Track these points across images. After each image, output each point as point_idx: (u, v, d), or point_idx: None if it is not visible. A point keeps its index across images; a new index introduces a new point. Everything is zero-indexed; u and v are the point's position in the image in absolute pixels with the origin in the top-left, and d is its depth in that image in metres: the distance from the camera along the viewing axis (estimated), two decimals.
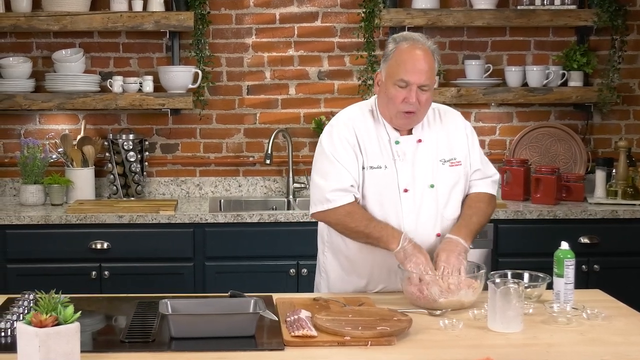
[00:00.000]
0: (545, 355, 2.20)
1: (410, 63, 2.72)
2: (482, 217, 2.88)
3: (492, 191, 2.98)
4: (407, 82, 2.71)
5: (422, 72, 2.71)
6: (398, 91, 2.73)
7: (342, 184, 2.79)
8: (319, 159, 2.88)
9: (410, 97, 2.72)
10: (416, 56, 2.72)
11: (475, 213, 2.87)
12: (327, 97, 4.79)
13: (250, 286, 3.48)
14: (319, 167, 2.87)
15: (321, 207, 2.82)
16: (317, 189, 2.84)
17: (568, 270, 2.62)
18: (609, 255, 4.23)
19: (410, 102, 2.73)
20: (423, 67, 2.72)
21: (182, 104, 4.49)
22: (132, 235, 4.11)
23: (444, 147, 2.87)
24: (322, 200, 2.81)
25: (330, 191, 2.79)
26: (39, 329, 1.99)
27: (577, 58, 4.64)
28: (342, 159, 2.80)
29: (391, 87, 2.75)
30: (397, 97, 2.74)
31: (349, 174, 2.80)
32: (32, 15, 4.38)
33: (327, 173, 2.81)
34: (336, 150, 2.82)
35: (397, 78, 2.72)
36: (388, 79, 2.77)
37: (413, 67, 2.71)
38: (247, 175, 4.80)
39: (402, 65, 2.72)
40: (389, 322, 2.36)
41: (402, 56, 2.73)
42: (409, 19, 4.51)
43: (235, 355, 2.19)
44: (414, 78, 2.71)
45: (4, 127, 4.69)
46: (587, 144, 4.83)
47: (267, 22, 4.73)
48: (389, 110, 2.80)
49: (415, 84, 2.71)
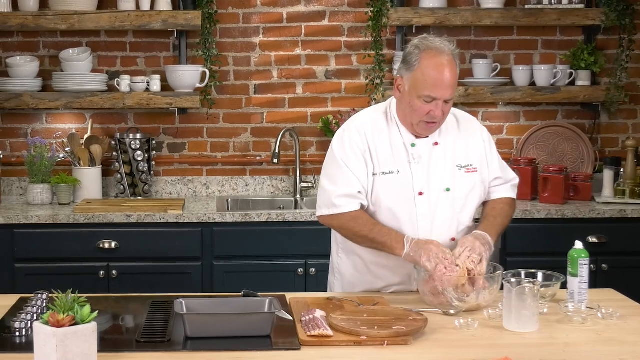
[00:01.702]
0: (562, 354, 2.20)
1: (437, 79, 2.66)
2: (505, 218, 2.90)
3: (513, 195, 3.01)
4: (434, 99, 2.68)
5: (449, 87, 2.67)
6: (424, 104, 2.69)
7: (349, 190, 2.78)
8: (329, 164, 2.87)
9: (436, 111, 2.70)
10: (443, 70, 2.66)
11: (500, 214, 2.89)
12: (335, 96, 4.78)
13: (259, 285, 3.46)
14: (328, 172, 2.86)
15: (327, 212, 2.82)
16: (325, 192, 2.84)
17: (582, 270, 2.62)
18: (617, 254, 4.23)
19: (435, 115, 2.71)
20: (450, 82, 2.67)
21: (189, 103, 4.48)
22: (140, 235, 4.10)
23: (460, 152, 2.86)
24: (328, 205, 2.81)
25: (337, 196, 2.78)
26: (56, 329, 1.98)
27: (585, 57, 4.63)
28: (352, 164, 2.79)
29: (416, 100, 2.70)
30: (422, 109, 2.71)
31: (357, 180, 2.79)
32: (39, 15, 4.37)
33: (336, 178, 2.81)
34: (346, 156, 2.80)
35: (423, 93, 2.67)
36: (412, 90, 2.70)
37: (441, 83, 2.66)
38: (254, 175, 4.80)
39: (429, 80, 2.66)
40: (404, 322, 2.36)
41: (429, 71, 2.66)
42: (416, 18, 4.50)
43: (252, 355, 2.19)
44: (440, 94, 2.67)
45: (11, 126, 4.68)
46: (595, 143, 4.83)
47: (274, 21, 4.72)
48: (411, 119, 2.77)
49: (441, 99, 2.69)
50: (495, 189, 2.96)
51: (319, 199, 2.88)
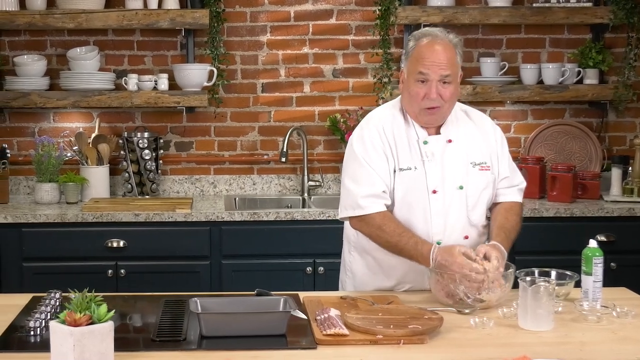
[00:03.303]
0: (579, 353, 2.19)
1: (428, 56, 2.71)
2: (515, 232, 2.86)
3: (520, 200, 2.98)
4: (425, 75, 2.70)
5: (441, 64, 2.69)
6: (419, 87, 2.72)
7: (374, 190, 2.76)
8: (350, 163, 2.84)
9: (431, 93, 2.70)
10: (435, 50, 2.71)
11: (512, 230, 2.83)
12: (342, 94, 4.77)
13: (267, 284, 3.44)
14: (350, 171, 2.83)
15: (352, 213, 2.80)
16: (349, 193, 2.81)
17: (597, 268, 2.62)
18: (625, 253, 4.22)
19: (431, 97, 2.71)
20: (441, 59, 2.70)
21: (197, 102, 4.47)
22: (149, 234, 4.09)
23: (474, 150, 2.85)
24: (353, 206, 2.79)
25: (363, 197, 2.76)
26: (73, 328, 1.98)
27: (593, 56, 4.62)
28: (374, 162, 2.78)
29: (412, 84, 2.74)
30: (418, 93, 2.72)
31: (380, 179, 2.77)
32: (46, 13, 4.36)
33: (359, 177, 2.79)
34: (368, 154, 2.79)
35: (416, 71, 2.71)
36: (409, 76, 2.76)
37: (431, 60, 2.70)
38: (262, 174, 4.79)
39: (420, 59, 2.72)
40: (420, 321, 2.35)
41: (421, 50, 2.73)
42: (424, 17, 4.50)
43: (269, 354, 2.18)
44: (432, 70, 2.69)
45: (19, 125, 4.68)
46: (602, 141, 4.82)
47: (281, 19, 4.71)
48: (412, 107, 2.79)
49: (434, 77, 2.69)
50: (502, 192, 2.93)
51: (343, 199, 2.85)
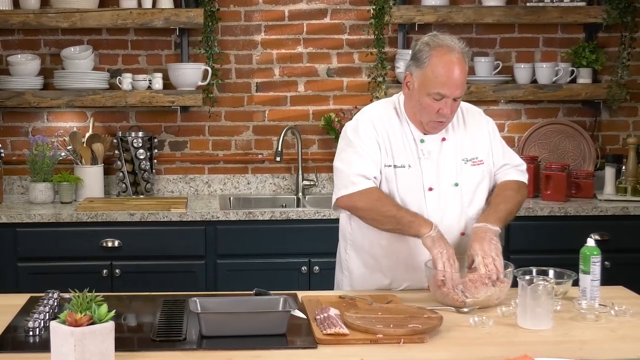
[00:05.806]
0: (579, 352, 2.20)
1: (447, 76, 2.66)
2: (510, 204, 2.83)
3: (520, 178, 2.95)
4: (443, 96, 2.69)
5: (459, 85, 2.68)
6: (433, 102, 2.70)
7: (365, 172, 2.77)
8: (343, 149, 2.85)
9: (446, 109, 2.70)
10: (453, 68, 2.66)
11: (503, 201, 2.82)
12: (336, 94, 4.78)
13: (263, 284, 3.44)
14: (342, 156, 2.84)
15: (345, 191, 2.78)
16: (341, 174, 2.81)
17: (594, 267, 2.63)
18: (619, 251, 4.22)
19: (446, 114, 2.72)
20: (460, 79, 2.68)
21: (191, 102, 4.47)
22: (144, 233, 4.09)
23: (466, 146, 2.86)
24: (346, 184, 2.78)
25: (355, 175, 2.76)
26: (74, 328, 1.97)
27: (586, 55, 4.64)
28: (367, 150, 2.78)
29: (425, 97, 2.71)
30: (432, 107, 2.71)
31: (373, 165, 2.78)
32: (40, 12, 4.35)
33: (351, 161, 2.79)
34: (362, 142, 2.80)
35: (433, 91, 2.68)
36: (422, 87, 2.71)
37: (450, 81, 2.66)
38: (256, 173, 4.79)
39: (438, 78, 2.67)
40: (419, 320, 2.36)
41: (439, 68, 2.67)
42: (419, 16, 4.50)
43: (270, 354, 2.18)
44: (450, 92, 2.68)
45: (13, 124, 4.66)
46: (596, 140, 4.84)
47: (276, 19, 4.71)
48: (420, 117, 2.78)
49: (451, 96, 2.69)
50: (500, 172, 2.93)
51: (336, 182, 2.85)
